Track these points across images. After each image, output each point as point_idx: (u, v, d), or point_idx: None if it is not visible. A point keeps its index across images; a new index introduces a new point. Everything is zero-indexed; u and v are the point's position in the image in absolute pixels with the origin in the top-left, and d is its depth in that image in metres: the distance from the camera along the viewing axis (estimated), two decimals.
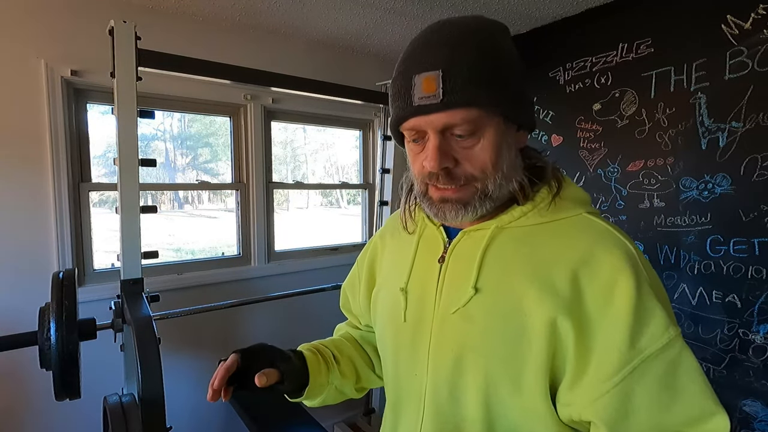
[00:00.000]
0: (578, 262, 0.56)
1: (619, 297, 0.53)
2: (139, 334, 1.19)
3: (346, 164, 2.88)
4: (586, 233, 0.59)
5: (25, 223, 1.63)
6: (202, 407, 2.07)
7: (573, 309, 0.54)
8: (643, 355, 0.52)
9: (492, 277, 0.60)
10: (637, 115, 1.78)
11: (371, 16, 1.94)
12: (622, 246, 0.57)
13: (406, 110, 0.57)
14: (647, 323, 0.53)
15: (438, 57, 0.54)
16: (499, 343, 0.58)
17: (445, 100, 0.53)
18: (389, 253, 0.77)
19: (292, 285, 2.12)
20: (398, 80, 0.58)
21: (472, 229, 0.64)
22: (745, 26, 1.49)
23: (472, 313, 0.60)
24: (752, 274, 1.51)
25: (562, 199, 0.61)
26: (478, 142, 0.57)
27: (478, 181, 0.58)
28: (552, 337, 0.55)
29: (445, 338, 0.62)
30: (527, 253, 0.59)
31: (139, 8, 1.79)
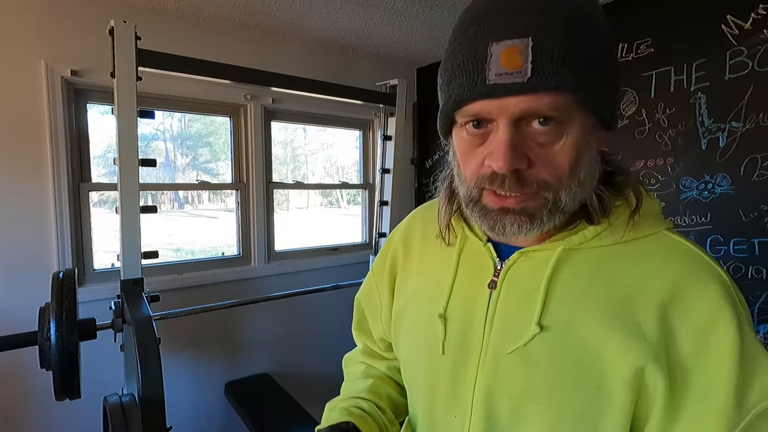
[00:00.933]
0: (667, 297, 0.46)
1: (720, 344, 0.44)
2: (139, 334, 1.19)
3: (346, 164, 2.88)
4: (673, 259, 0.48)
5: (25, 223, 1.63)
6: (202, 407, 2.07)
7: (664, 357, 0.45)
8: (751, 414, 0.43)
9: (561, 313, 0.49)
10: (637, 115, 1.78)
11: (371, 16, 1.94)
12: (717, 277, 0.47)
13: (475, 90, 0.43)
14: (755, 377, 0.44)
15: (526, 22, 0.41)
16: (572, 395, 0.47)
17: (534, 80, 0.40)
18: (418, 263, 0.64)
19: (292, 285, 2.12)
20: (463, 49, 0.44)
21: (531, 250, 0.52)
22: (745, 26, 1.49)
23: (536, 356, 0.49)
24: (752, 274, 1.51)
25: (641, 216, 0.50)
26: (559, 141, 0.44)
27: (550, 190, 0.46)
28: (638, 390, 0.45)
29: (499, 382, 0.51)
30: (604, 284, 0.48)
31: (139, 8, 1.79)
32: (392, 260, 0.67)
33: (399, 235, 0.68)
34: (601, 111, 0.46)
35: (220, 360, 2.09)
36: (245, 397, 2.00)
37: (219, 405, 2.10)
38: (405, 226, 0.69)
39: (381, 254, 0.71)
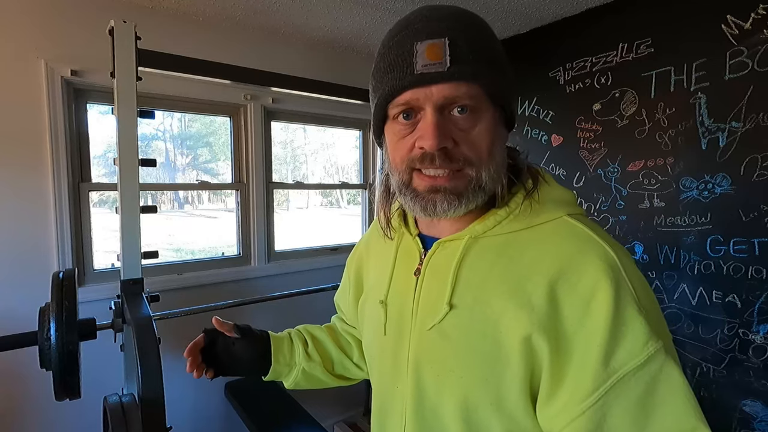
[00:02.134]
0: (556, 274, 0.52)
1: (596, 311, 0.49)
2: (139, 334, 1.18)
3: (346, 164, 2.88)
4: (565, 241, 0.54)
5: (25, 223, 1.63)
6: (202, 407, 2.07)
7: (548, 325, 0.50)
8: (618, 374, 0.48)
9: (468, 293, 0.56)
10: (637, 115, 1.78)
11: (371, 16, 1.94)
12: (603, 255, 0.52)
13: (405, 80, 0.51)
14: (623, 339, 0.48)
15: (443, 26, 0.51)
16: (477, 363, 0.55)
17: (452, 70, 0.49)
18: (373, 260, 0.75)
19: (292, 285, 2.12)
20: (393, 51, 0.53)
21: (446, 240, 0.60)
22: (745, 26, 1.49)
23: (448, 331, 0.57)
24: (752, 274, 1.50)
25: (539, 202, 0.57)
26: (476, 125, 0.53)
27: (473, 168, 0.53)
28: (528, 355, 0.51)
29: (423, 355, 0.60)
30: (504, 266, 0.55)
31: (139, 8, 1.79)
32: (358, 262, 0.79)
33: (363, 240, 0.81)
34: (505, 106, 0.55)
35: None
36: (245, 397, 2.00)
37: (219, 405, 2.10)
38: (368, 232, 0.81)
39: (351, 255, 0.84)
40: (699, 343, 1.63)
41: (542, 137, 2.13)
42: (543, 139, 2.13)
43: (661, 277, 1.74)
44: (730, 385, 1.57)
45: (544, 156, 2.13)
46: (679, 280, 1.69)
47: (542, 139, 2.13)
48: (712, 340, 1.61)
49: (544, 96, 2.12)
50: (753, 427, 1.53)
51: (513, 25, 2.10)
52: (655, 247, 1.75)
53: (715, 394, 1.60)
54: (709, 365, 1.62)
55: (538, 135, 2.15)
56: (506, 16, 1.97)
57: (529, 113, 2.19)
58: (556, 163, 2.09)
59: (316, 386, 0.86)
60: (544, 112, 2.13)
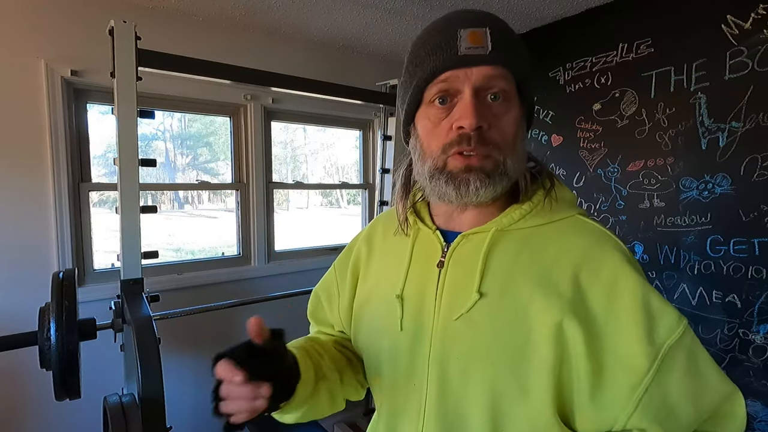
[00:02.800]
0: (578, 263, 0.56)
1: (624, 295, 0.53)
2: (139, 334, 1.19)
3: (346, 164, 2.88)
4: (582, 235, 0.59)
5: (25, 223, 1.63)
6: (202, 407, 2.07)
7: (579, 311, 0.53)
8: (665, 347, 0.52)
9: (496, 282, 0.58)
10: (637, 115, 1.78)
11: (371, 16, 1.94)
12: (618, 247, 0.58)
13: (449, 60, 0.55)
14: (660, 316, 0.53)
15: (483, 18, 0.57)
16: (506, 349, 0.56)
17: (493, 54, 0.54)
18: (379, 258, 0.72)
19: (292, 285, 2.12)
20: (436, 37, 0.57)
21: (471, 233, 0.62)
22: (745, 26, 1.49)
23: (477, 319, 0.58)
24: (752, 274, 1.51)
25: (557, 201, 0.61)
26: (508, 112, 0.57)
27: (501, 153, 0.57)
28: (559, 341, 0.53)
29: (448, 346, 0.59)
30: (529, 257, 0.58)
31: (139, 8, 1.79)
32: (355, 260, 0.76)
33: (362, 238, 0.77)
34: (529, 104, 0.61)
35: None
36: None
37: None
38: (368, 230, 0.78)
39: (344, 254, 0.80)
40: None
41: (542, 137, 2.13)
42: (543, 139, 2.13)
43: (661, 277, 1.74)
44: None
45: (544, 156, 2.13)
46: (679, 280, 1.69)
47: (542, 139, 2.13)
48: (712, 340, 1.61)
49: (544, 96, 2.12)
50: (753, 427, 1.53)
51: (513, 25, 2.09)
52: (655, 247, 1.75)
53: None
54: None
55: (538, 135, 2.15)
56: (506, 16, 1.98)
57: None
58: (556, 163, 2.09)
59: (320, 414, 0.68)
60: (544, 112, 2.13)
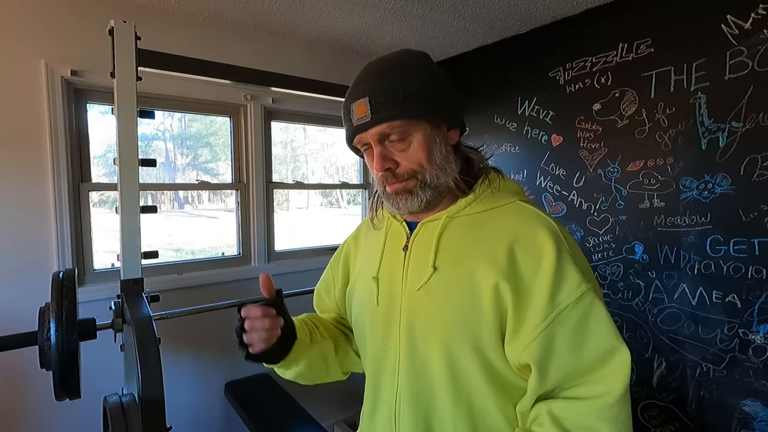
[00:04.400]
0: (513, 239, 0.69)
1: (545, 264, 0.66)
2: (139, 334, 1.19)
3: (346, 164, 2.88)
4: (519, 216, 0.72)
5: (25, 223, 1.63)
6: (202, 407, 2.07)
7: (510, 275, 0.67)
8: (561, 306, 0.65)
9: (447, 258, 0.72)
10: (637, 115, 1.78)
11: (371, 16, 1.94)
12: (547, 224, 0.70)
13: (350, 130, 0.74)
14: (564, 281, 0.65)
15: (364, 87, 0.72)
16: (458, 312, 0.69)
17: (374, 118, 0.70)
18: (363, 251, 0.89)
19: (292, 285, 2.11)
20: (343, 110, 0.75)
21: (428, 220, 0.77)
22: (745, 26, 1.49)
23: (433, 289, 0.72)
24: (752, 274, 1.50)
25: (499, 191, 0.75)
26: (410, 145, 0.71)
27: (417, 174, 0.72)
28: (497, 300, 0.67)
29: (412, 313, 0.74)
30: (475, 236, 0.72)
31: (139, 8, 1.79)
32: (345, 254, 0.93)
33: (351, 238, 0.96)
34: (433, 119, 0.72)
35: (220, 360, 2.09)
36: (245, 397, 2.00)
37: (219, 405, 2.10)
38: (355, 231, 0.96)
39: (337, 252, 0.97)
40: (699, 343, 1.63)
41: (542, 137, 2.13)
42: (543, 139, 2.13)
43: (661, 277, 1.74)
44: (730, 385, 1.57)
45: (544, 156, 2.13)
46: (679, 280, 1.69)
47: (542, 139, 2.13)
48: (712, 340, 1.61)
49: (544, 96, 2.12)
50: (753, 427, 1.53)
51: (513, 25, 2.10)
52: (655, 247, 1.75)
53: (715, 394, 1.60)
54: (709, 365, 1.62)
55: (538, 135, 2.15)
56: (506, 16, 1.97)
57: (529, 113, 2.19)
58: (556, 163, 2.09)
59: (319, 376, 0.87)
60: (544, 112, 2.13)
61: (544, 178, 2.13)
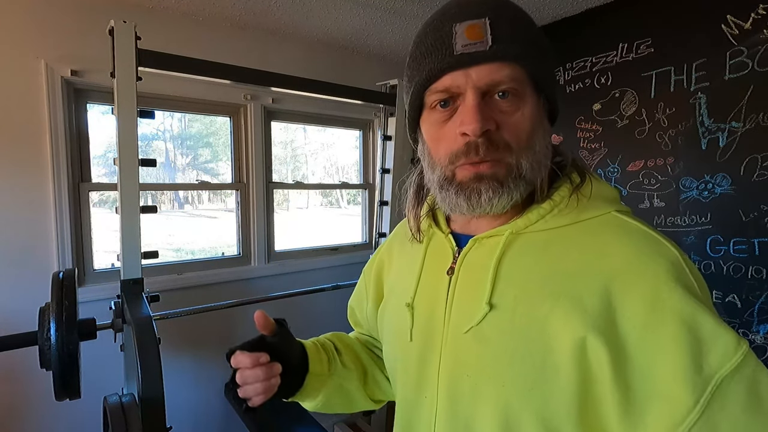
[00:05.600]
0: (611, 273, 0.47)
1: (666, 313, 0.44)
2: (139, 334, 1.19)
3: (346, 164, 2.88)
4: (618, 237, 0.50)
5: (25, 223, 1.63)
6: (202, 407, 2.07)
7: (606, 328, 0.45)
8: (716, 378, 0.42)
9: (509, 292, 0.51)
10: (637, 115, 1.78)
11: (371, 16, 1.94)
12: (663, 251, 0.48)
13: (444, 61, 0.48)
14: (711, 340, 0.43)
15: (482, 6, 0.49)
16: (521, 370, 0.49)
17: (495, 49, 0.47)
18: (396, 264, 0.70)
19: (292, 285, 2.12)
20: (430, 35, 0.50)
21: (483, 236, 0.55)
22: (745, 26, 1.49)
23: (488, 334, 0.51)
24: (752, 274, 1.50)
25: (587, 198, 0.53)
26: (518, 111, 0.50)
27: (513, 155, 0.50)
28: (582, 362, 0.46)
29: (457, 361, 0.54)
30: (550, 263, 0.51)
31: (139, 8, 1.79)
32: (378, 267, 0.74)
33: (385, 245, 0.76)
34: (548, 93, 0.53)
35: (220, 360, 2.08)
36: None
37: (219, 405, 2.10)
38: (390, 237, 0.76)
39: (370, 262, 0.78)
40: None
41: None
42: None
43: None
44: None
45: None
46: None
47: None
48: None
49: None
50: None
51: None
52: None
53: None
54: None
55: None
56: None
57: None
58: None
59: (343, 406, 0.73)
60: None
61: None
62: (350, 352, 0.75)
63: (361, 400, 0.74)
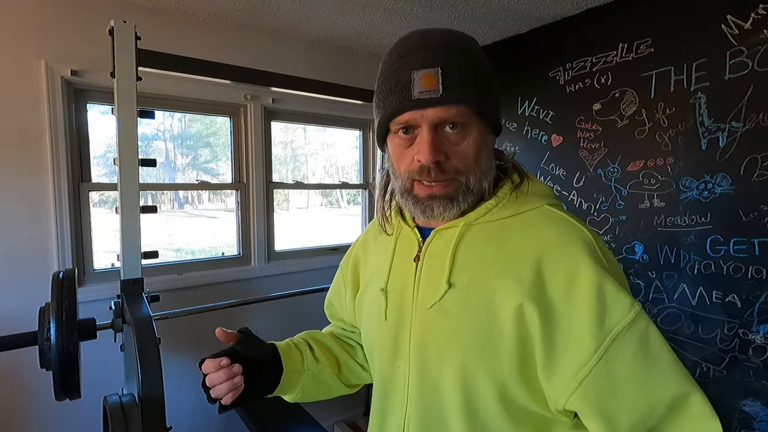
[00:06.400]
0: (541, 252, 0.59)
1: (581, 283, 0.56)
2: (139, 334, 1.18)
3: (346, 164, 2.88)
4: (547, 224, 0.63)
5: (26, 223, 1.63)
6: (202, 407, 2.07)
7: (536, 295, 0.57)
8: (614, 331, 0.55)
9: (464, 272, 0.63)
10: (637, 115, 1.78)
11: (371, 16, 1.94)
12: (580, 235, 0.60)
13: (404, 104, 0.59)
14: (612, 302, 0.55)
15: (436, 56, 0.58)
16: (474, 335, 0.61)
17: (444, 96, 0.57)
18: (372, 257, 0.80)
19: (292, 285, 2.12)
20: (393, 77, 0.61)
21: (442, 228, 0.67)
22: (745, 26, 1.49)
23: (448, 307, 0.63)
24: (752, 274, 1.50)
25: (524, 194, 0.65)
26: (465, 139, 0.61)
27: (462, 176, 0.62)
28: (520, 323, 0.57)
29: (424, 332, 0.65)
30: (496, 248, 0.63)
31: (139, 8, 1.79)
32: (355, 259, 0.85)
33: (359, 242, 0.87)
34: (492, 120, 0.64)
35: None
36: None
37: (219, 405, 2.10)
38: (363, 235, 0.88)
39: (347, 255, 0.89)
40: (699, 343, 1.63)
41: (542, 137, 2.13)
42: (543, 139, 2.13)
43: (661, 277, 1.74)
44: (730, 385, 1.57)
45: (544, 156, 2.13)
46: (679, 280, 1.69)
47: (542, 139, 2.13)
48: (712, 340, 1.61)
49: (544, 96, 2.12)
50: (753, 427, 1.53)
51: (513, 25, 2.10)
52: (655, 247, 1.75)
53: (715, 394, 1.60)
54: (709, 365, 1.62)
55: (538, 135, 2.15)
56: (506, 16, 1.97)
57: (529, 113, 2.19)
58: (556, 163, 2.09)
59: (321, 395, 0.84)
60: (544, 112, 2.13)
61: (544, 178, 2.13)
62: (322, 347, 0.85)
63: (336, 387, 0.85)
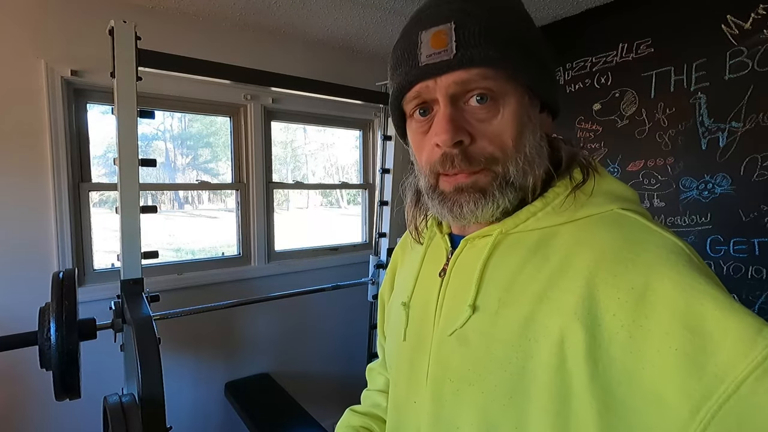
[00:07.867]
0: (594, 265, 0.42)
1: (658, 305, 0.38)
2: (139, 334, 1.18)
3: (346, 164, 2.88)
4: (609, 228, 0.45)
5: (26, 223, 1.63)
6: (202, 407, 2.07)
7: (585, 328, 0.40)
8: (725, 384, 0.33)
9: (494, 294, 0.48)
10: (637, 115, 1.78)
11: (371, 16, 1.94)
12: (660, 241, 0.42)
13: (411, 73, 0.47)
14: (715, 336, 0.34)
15: (449, 10, 0.45)
16: (499, 375, 0.45)
17: (459, 55, 0.44)
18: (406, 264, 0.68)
19: (292, 285, 2.12)
20: (400, 44, 0.49)
21: (474, 236, 0.52)
22: (745, 26, 1.49)
23: (470, 337, 0.49)
24: (752, 274, 1.50)
25: (587, 194, 0.48)
26: (498, 114, 0.46)
27: (498, 164, 0.47)
28: (560, 369, 0.41)
29: (442, 365, 0.51)
30: (537, 264, 0.46)
31: (139, 8, 1.79)
32: (393, 265, 0.73)
33: (400, 244, 0.74)
34: (535, 88, 0.48)
35: (220, 360, 2.09)
36: (245, 397, 2.00)
37: (219, 405, 2.10)
38: (403, 237, 0.74)
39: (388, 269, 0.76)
40: None
41: None
42: None
43: None
44: None
45: None
46: None
47: None
48: None
49: None
50: None
51: None
52: None
53: None
54: None
55: None
56: None
57: None
58: None
59: None
60: None
61: None
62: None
63: None
